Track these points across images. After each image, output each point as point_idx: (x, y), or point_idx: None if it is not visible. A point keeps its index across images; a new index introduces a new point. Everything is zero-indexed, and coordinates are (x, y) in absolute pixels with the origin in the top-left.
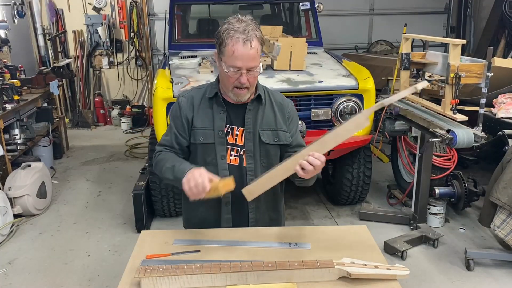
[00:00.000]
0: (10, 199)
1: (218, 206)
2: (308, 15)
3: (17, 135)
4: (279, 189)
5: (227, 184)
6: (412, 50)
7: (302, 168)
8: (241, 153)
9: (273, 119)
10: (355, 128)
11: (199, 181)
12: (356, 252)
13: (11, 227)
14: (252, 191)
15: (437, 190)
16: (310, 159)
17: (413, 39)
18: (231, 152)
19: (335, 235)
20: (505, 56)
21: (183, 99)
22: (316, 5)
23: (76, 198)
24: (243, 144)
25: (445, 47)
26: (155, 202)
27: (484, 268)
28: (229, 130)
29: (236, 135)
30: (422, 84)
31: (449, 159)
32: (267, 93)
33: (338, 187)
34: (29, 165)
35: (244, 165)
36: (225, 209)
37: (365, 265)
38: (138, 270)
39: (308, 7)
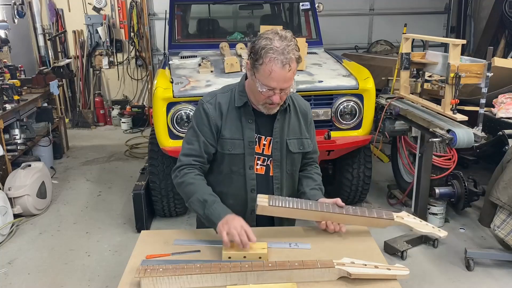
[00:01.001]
0: (10, 199)
1: (243, 213)
2: (308, 15)
3: (17, 135)
4: (296, 192)
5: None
6: (412, 50)
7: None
8: (268, 162)
9: (298, 127)
10: (379, 226)
11: (242, 232)
12: (356, 252)
13: (11, 227)
14: (267, 211)
15: (437, 190)
16: (338, 228)
17: (413, 39)
18: (257, 162)
19: (335, 235)
20: (505, 56)
21: (209, 105)
22: (316, 5)
23: (76, 198)
24: (270, 154)
25: (445, 47)
26: (155, 202)
27: (484, 268)
28: (256, 139)
29: (264, 144)
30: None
31: (449, 159)
32: (291, 100)
33: (338, 187)
34: (29, 165)
35: (271, 174)
36: (249, 217)
37: (365, 265)
38: (138, 270)
39: (308, 7)
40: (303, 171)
